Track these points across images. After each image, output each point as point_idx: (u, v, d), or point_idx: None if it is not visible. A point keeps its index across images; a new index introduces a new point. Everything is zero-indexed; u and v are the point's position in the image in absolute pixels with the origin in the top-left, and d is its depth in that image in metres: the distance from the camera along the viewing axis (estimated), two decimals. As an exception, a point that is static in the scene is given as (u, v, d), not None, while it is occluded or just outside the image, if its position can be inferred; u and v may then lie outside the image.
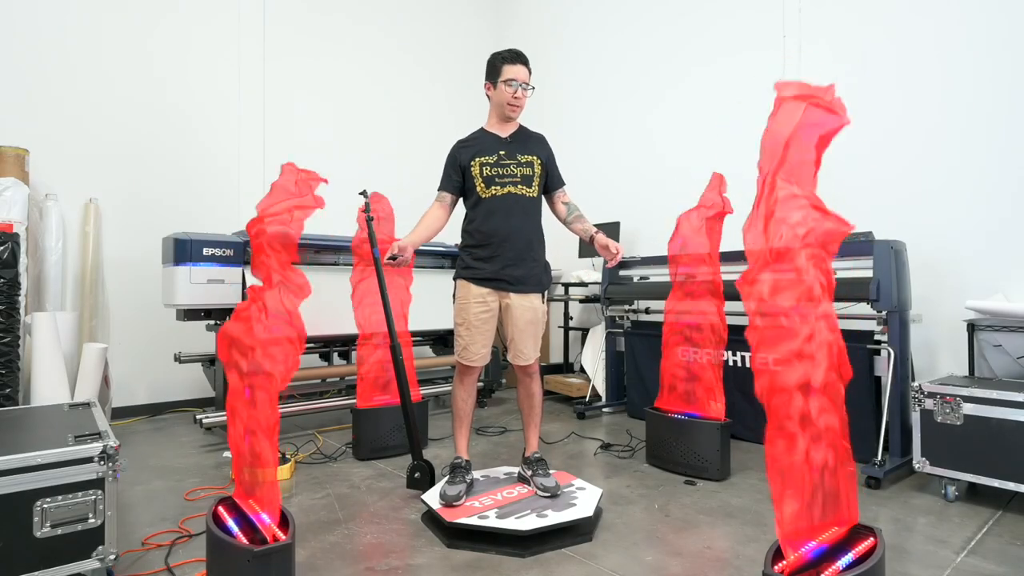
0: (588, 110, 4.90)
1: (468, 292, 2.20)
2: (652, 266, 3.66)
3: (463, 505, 2.01)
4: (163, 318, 3.74)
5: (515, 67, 2.17)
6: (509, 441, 3.14)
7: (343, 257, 3.55)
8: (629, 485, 2.44)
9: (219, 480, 2.50)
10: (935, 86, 2.95)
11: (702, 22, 4.03)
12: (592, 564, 1.74)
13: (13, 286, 2.67)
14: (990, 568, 1.70)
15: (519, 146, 2.25)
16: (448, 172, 2.26)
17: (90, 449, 1.55)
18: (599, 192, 4.68)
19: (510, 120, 2.27)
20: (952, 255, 2.86)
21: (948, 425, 2.21)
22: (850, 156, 3.22)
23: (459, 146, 2.27)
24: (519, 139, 2.27)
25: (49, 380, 2.83)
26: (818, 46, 3.40)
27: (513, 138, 2.26)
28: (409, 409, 2.39)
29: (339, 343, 3.61)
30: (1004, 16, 2.73)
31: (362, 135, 4.87)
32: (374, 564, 1.74)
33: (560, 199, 2.34)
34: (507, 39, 5.66)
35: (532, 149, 2.26)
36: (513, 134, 2.27)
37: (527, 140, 2.29)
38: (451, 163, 2.26)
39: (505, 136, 2.26)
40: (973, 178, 2.81)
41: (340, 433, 3.29)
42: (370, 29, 4.95)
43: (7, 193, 3.03)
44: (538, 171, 2.25)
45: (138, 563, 1.75)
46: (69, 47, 3.59)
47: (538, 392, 2.32)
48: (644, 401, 3.36)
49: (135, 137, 3.81)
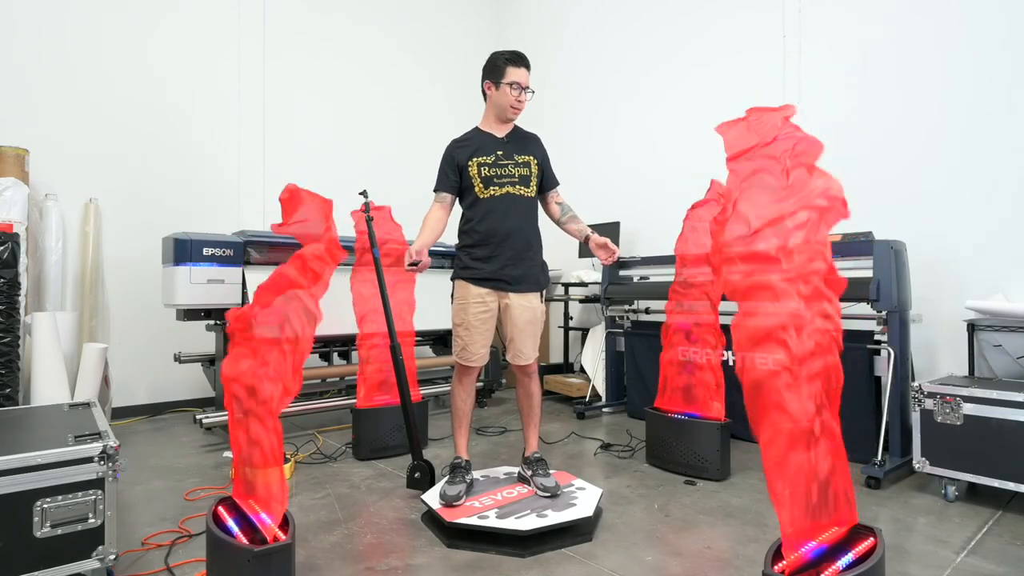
0: (588, 110, 4.90)
1: (467, 292, 2.20)
2: (652, 266, 3.66)
3: (463, 505, 2.01)
4: (163, 318, 3.74)
5: (519, 70, 2.16)
6: (509, 441, 3.14)
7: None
8: (629, 485, 2.44)
9: (219, 480, 2.50)
10: (935, 86, 2.95)
11: (702, 22, 4.03)
12: (592, 564, 1.74)
13: (13, 286, 2.67)
14: (990, 568, 1.70)
15: (516, 146, 2.25)
16: (446, 172, 2.25)
17: (90, 449, 1.55)
18: (599, 192, 4.68)
19: (508, 121, 2.27)
20: (952, 255, 2.86)
21: (948, 425, 2.21)
22: (850, 156, 3.22)
23: (455, 145, 2.26)
24: (516, 139, 2.27)
25: (49, 380, 2.83)
26: (818, 46, 3.40)
27: (510, 138, 2.26)
28: (409, 409, 2.39)
29: (339, 343, 3.61)
30: (1004, 16, 2.73)
31: (362, 135, 4.87)
32: (374, 564, 1.74)
33: (554, 199, 2.35)
34: (507, 38, 5.66)
35: (529, 149, 2.26)
36: (509, 134, 2.27)
37: (524, 140, 2.29)
38: (448, 163, 2.25)
39: (502, 136, 2.25)
40: (973, 178, 2.81)
41: (340, 433, 3.29)
42: (370, 29, 4.95)
43: (7, 193, 3.03)
44: (535, 171, 2.25)
45: (138, 563, 1.75)
46: (69, 47, 3.59)
47: (537, 392, 2.32)
48: (644, 401, 3.36)
49: (135, 137, 3.81)
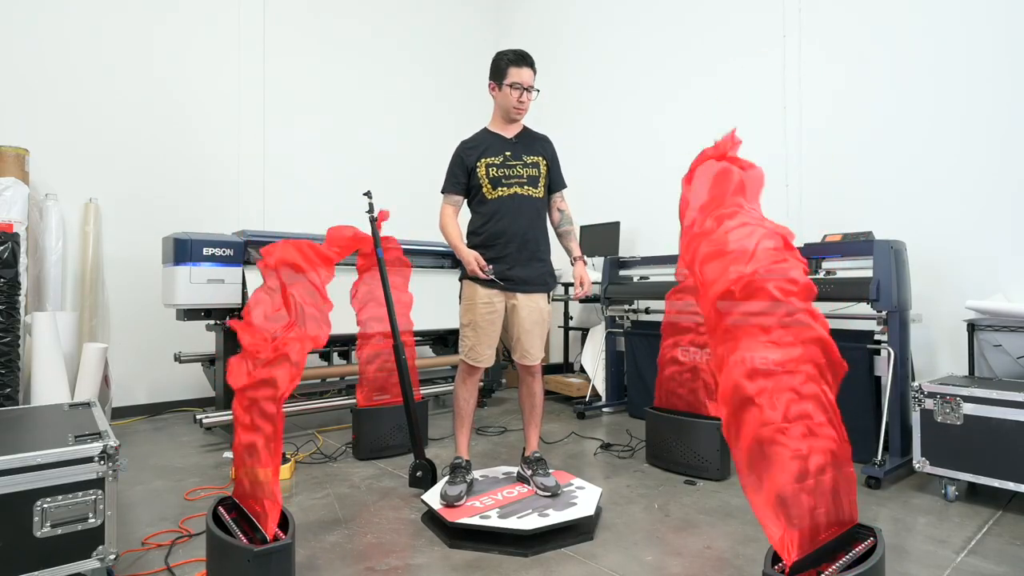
0: (588, 110, 4.89)
1: (475, 293, 2.19)
2: (652, 266, 3.66)
3: (464, 505, 2.01)
4: (163, 318, 3.74)
5: (520, 70, 2.15)
6: (509, 441, 3.14)
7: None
8: (629, 485, 2.44)
9: (219, 480, 2.50)
10: (935, 85, 2.94)
11: (702, 23, 4.03)
12: (592, 564, 1.74)
13: (13, 286, 2.67)
14: (990, 568, 1.70)
15: (525, 147, 2.24)
16: (455, 174, 2.24)
17: (90, 449, 1.55)
18: (599, 192, 4.68)
19: (515, 122, 2.27)
20: (952, 255, 2.86)
21: (948, 425, 2.21)
22: (850, 156, 3.22)
23: (464, 147, 2.26)
24: (524, 140, 2.27)
25: (49, 380, 2.83)
26: (817, 46, 3.40)
27: (518, 139, 2.26)
28: (411, 408, 2.39)
29: (339, 343, 3.61)
30: (1004, 16, 2.73)
31: (362, 135, 4.86)
32: (374, 564, 1.74)
33: (557, 204, 2.34)
34: (507, 38, 5.67)
35: (538, 150, 2.26)
36: (518, 135, 2.27)
37: (532, 141, 2.29)
38: (457, 165, 2.24)
39: (510, 137, 2.25)
40: (973, 177, 2.81)
41: (340, 433, 3.29)
42: (370, 29, 4.95)
43: (7, 193, 3.03)
44: (543, 172, 2.25)
45: (138, 563, 1.75)
46: (69, 47, 3.59)
47: (540, 392, 2.32)
48: (644, 401, 3.36)
49: (135, 137, 3.81)
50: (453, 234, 2.22)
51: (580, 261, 2.27)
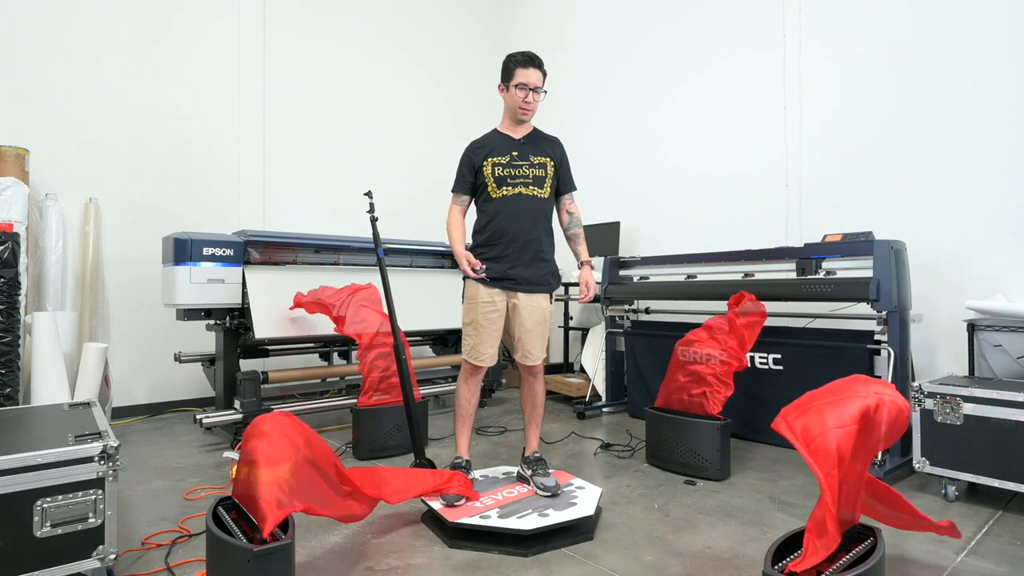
0: (588, 110, 4.89)
1: (477, 292, 2.20)
2: (652, 266, 3.66)
3: (465, 505, 2.01)
4: (163, 318, 3.74)
5: (527, 71, 2.17)
6: (509, 441, 3.14)
7: (344, 256, 3.55)
8: (629, 485, 2.44)
9: (219, 480, 2.50)
10: (935, 85, 2.95)
11: (702, 23, 4.03)
12: (592, 564, 1.74)
13: (13, 286, 2.67)
14: (990, 568, 1.70)
15: (532, 147, 2.25)
16: (463, 174, 2.27)
17: (90, 449, 1.54)
18: (599, 191, 4.68)
19: (523, 123, 2.28)
20: (952, 255, 2.86)
21: (948, 425, 2.21)
22: (850, 156, 3.22)
23: (472, 147, 2.28)
24: (533, 140, 2.28)
25: (49, 380, 2.83)
26: (817, 45, 3.40)
27: (527, 139, 2.27)
28: (412, 408, 2.39)
29: (339, 343, 3.61)
30: (1004, 15, 2.73)
31: (361, 135, 4.86)
32: (374, 564, 1.74)
33: (566, 206, 2.34)
34: (507, 38, 5.67)
35: (545, 151, 2.26)
36: (527, 136, 2.28)
37: (541, 142, 2.29)
38: (466, 165, 2.26)
39: (518, 138, 2.26)
40: (973, 177, 2.81)
41: (340, 433, 3.29)
42: (369, 29, 4.95)
43: (7, 193, 3.03)
44: (551, 172, 2.25)
45: (138, 563, 1.75)
46: (70, 47, 3.59)
47: (541, 392, 2.32)
48: (644, 401, 3.36)
49: (135, 137, 3.81)
50: (454, 234, 2.24)
51: (587, 266, 2.28)
